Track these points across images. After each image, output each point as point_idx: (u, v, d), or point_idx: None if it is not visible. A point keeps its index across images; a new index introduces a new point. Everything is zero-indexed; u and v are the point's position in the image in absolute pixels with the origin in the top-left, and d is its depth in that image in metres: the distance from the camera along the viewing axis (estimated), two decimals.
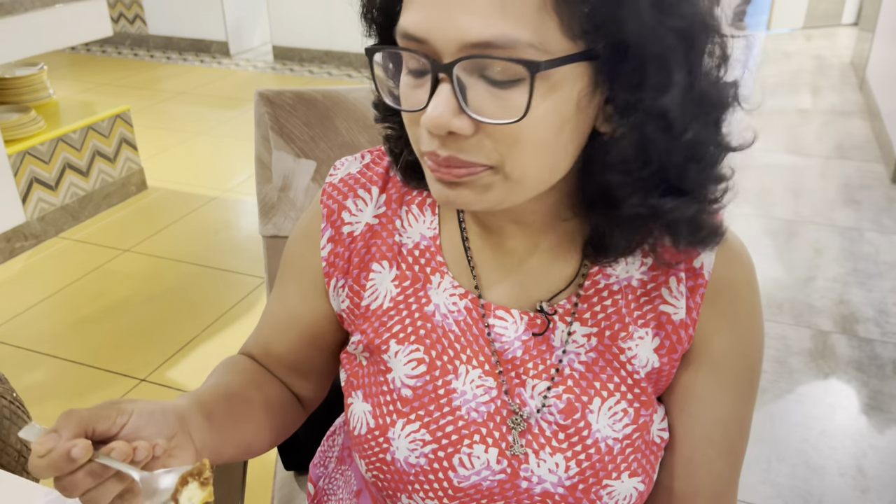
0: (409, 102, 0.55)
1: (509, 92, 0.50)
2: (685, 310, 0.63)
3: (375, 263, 0.68)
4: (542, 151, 0.53)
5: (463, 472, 0.64)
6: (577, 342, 0.64)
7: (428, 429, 0.65)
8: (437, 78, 0.51)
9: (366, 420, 0.67)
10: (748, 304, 0.65)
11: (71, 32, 2.81)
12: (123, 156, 3.10)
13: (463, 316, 0.66)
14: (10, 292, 2.47)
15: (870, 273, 2.51)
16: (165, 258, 2.68)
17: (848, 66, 4.91)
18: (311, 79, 4.84)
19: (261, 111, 1.08)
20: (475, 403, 0.65)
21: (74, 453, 0.51)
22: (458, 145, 0.52)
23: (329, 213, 0.70)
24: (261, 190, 1.09)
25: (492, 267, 0.66)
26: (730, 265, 0.64)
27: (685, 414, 0.67)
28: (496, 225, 0.65)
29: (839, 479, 1.70)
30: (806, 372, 2.05)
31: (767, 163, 3.42)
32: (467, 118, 0.51)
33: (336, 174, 0.71)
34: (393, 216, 0.69)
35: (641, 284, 0.64)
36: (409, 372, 0.66)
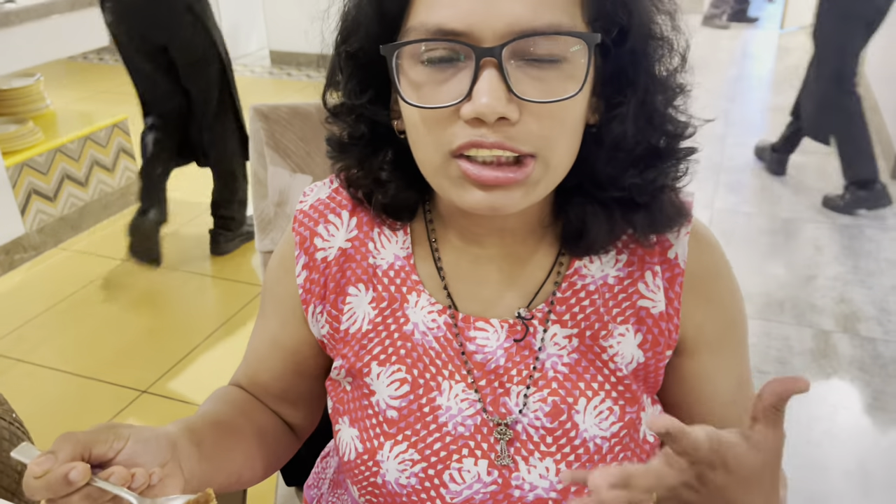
0: (438, 99, 0.54)
1: (548, 72, 0.53)
2: (664, 302, 0.65)
3: (351, 287, 0.69)
4: (573, 134, 0.57)
5: (454, 487, 0.65)
6: (558, 344, 0.65)
7: (416, 448, 0.65)
8: (478, 65, 0.51)
9: (354, 445, 0.67)
10: (727, 282, 0.68)
11: (68, 42, 2.82)
12: (122, 165, 3.10)
13: (442, 332, 0.66)
14: (10, 304, 2.46)
15: (871, 271, 2.51)
16: (164, 267, 2.68)
17: None
18: (309, 83, 4.84)
19: (256, 127, 1.07)
20: (461, 418, 0.65)
21: (73, 476, 0.51)
22: (503, 133, 0.53)
23: (302, 241, 0.70)
24: (257, 206, 1.09)
25: (468, 280, 0.67)
26: (702, 251, 0.66)
27: (701, 396, 0.70)
28: (480, 235, 0.66)
29: (843, 479, 1.69)
30: (808, 372, 2.04)
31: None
32: (516, 102, 0.52)
33: (306, 200, 0.71)
34: (365, 239, 0.69)
35: (618, 281, 0.65)
36: (392, 393, 0.66)
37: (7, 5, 2.57)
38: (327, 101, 0.66)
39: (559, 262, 0.66)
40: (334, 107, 0.65)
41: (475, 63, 0.51)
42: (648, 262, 0.65)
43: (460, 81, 0.53)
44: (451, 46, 0.53)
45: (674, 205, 0.63)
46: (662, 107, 0.59)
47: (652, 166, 0.59)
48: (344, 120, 0.64)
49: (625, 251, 0.65)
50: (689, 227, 0.66)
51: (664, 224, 0.63)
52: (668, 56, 0.59)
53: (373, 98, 0.62)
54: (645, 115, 0.58)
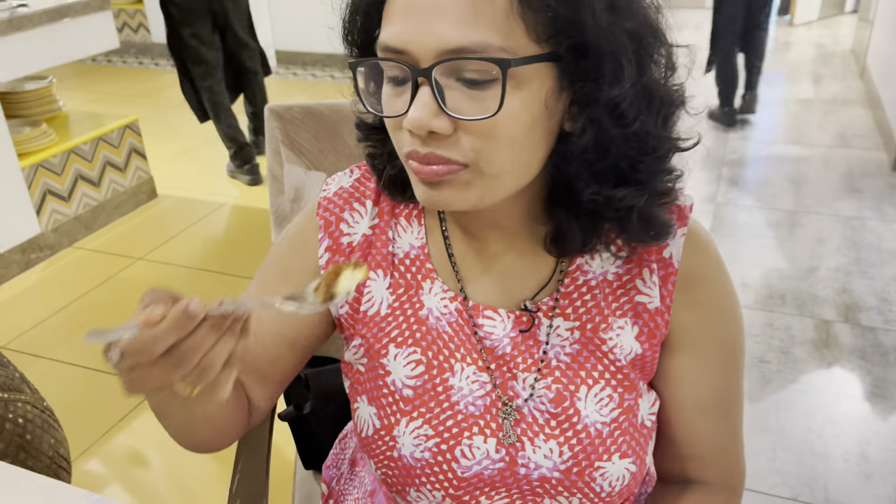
0: (392, 109, 0.59)
1: (483, 92, 0.55)
2: (659, 298, 0.68)
3: (371, 272, 0.73)
4: (515, 147, 0.58)
5: (465, 462, 0.69)
6: (561, 336, 0.69)
7: (430, 424, 0.69)
8: (416, 83, 0.56)
9: (371, 422, 0.72)
10: (718, 289, 0.70)
11: (79, 45, 2.87)
12: (133, 165, 3.16)
13: (454, 317, 0.70)
14: (28, 303, 2.52)
15: (872, 262, 2.54)
16: (178, 265, 2.73)
17: (849, 54, 4.92)
18: (315, 83, 4.88)
19: (271, 126, 1.12)
20: (472, 398, 0.69)
21: (192, 308, 0.49)
22: (437, 143, 0.57)
23: (326, 225, 0.74)
24: (273, 202, 1.14)
25: (476, 271, 0.71)
26: (697, 254, 0.69)
27: (677, 395, 0.72)
28: (478, 230, 0.70)
29: (844, 466, 1.73)
30: (810, 361, 2.08)
31: (769, 154, 3.45)
32: (446, 118, 0.56)
33: (329, 188, 0.76)
34: (386, 227, 0.73)
35: (617, 277, 0.69)
36: (408, 373, 0.71)
37: (20, 9, 2.62)
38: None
39: (561, 259, 0.70)
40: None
41: (413, 81, 0.56)
42: (646, 259, 0.68)
43: (406, 96, 0.57)
44: (396, 66, 0.58)
45: (659, 220, 0.62)
46: (621, 125, 0.57)
47: (621, 185, 0.59)
48: None
49: (625, 248, 0.67)
50: (686, 229, 0.68)
51: (640, 239, 0.63)
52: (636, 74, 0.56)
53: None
54: (603, 132, 0.57)
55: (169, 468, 1.81)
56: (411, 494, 0.72)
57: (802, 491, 1.67)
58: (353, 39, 0.64)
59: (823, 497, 1.65)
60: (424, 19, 0.54)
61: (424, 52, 0.55)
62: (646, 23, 0.57)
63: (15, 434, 1.01)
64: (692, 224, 0.69)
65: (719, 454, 0.76)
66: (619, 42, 0.55)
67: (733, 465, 0.77)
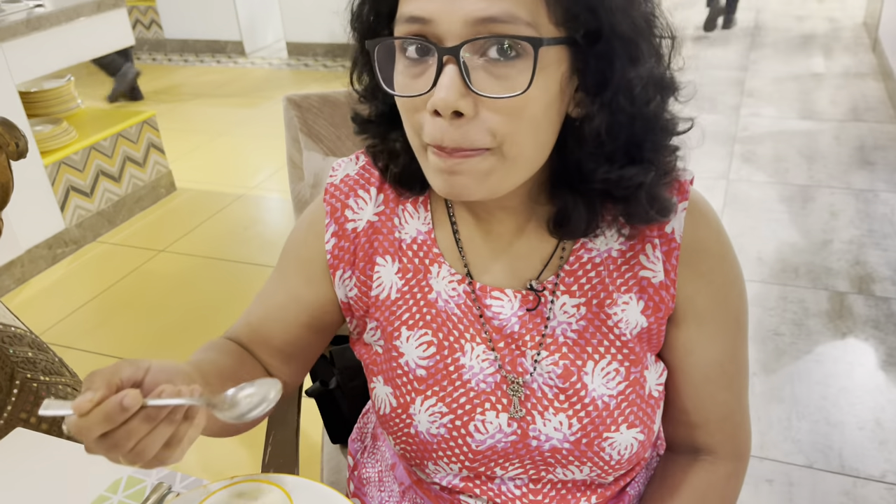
0: (411, 90, 0.59)
1: (508, 70, 0.56)
2: (663, 272, 0.70)
3: (379, 257, 0.75)
4: (536, 129, 0.59)
5: (479, 436, 0.72)
6: (567, 313, 0.71)
7: (444, 402, 0.72)
8: (441, 62, 0.56)
9: (388, 401, 0.75)
10: (720, 259, 0.72)
11: (95, 43, 2.92)
12: (152, 160, 3.22)
13: (462, 300, 0.73)
14: (57, 296, 2.59)
15: (885, 233, 2.55)
16: (199, 256, 2.79)
17: (861, 27, 4.88)
18: (327, 73, 4.92)
19: (290, 115, 1.16)
20: (482, 375, 0.72)
21: (127, 402, 0.51)
22: (461, 130, 0.57)
23: (333, 211, 0.76)
24: (294, 188, 1.18)
25: (483, 253, 0.73)
26: (698, 227, 0.70)
27: (685, 365, 0.74)
28: (486, 211, 0.71)
29: (858, 433, 1.76)
30: (824, 333, 2.11)
31: (781, 129, 3.45)
32: (472, 98, 0.56)
33: (336, 174, 0.77)
34: (391, 214, 0.75)
35: (621, 254, 0.71)
36: (420, 354, 0.73)
37: (37, 10, 2.68)
38: (355, 85, 0.72)
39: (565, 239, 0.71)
40: (364, 89, 0.72)
41: (438, 60, 0.56)
42: (648, 235, 0.70)
43: (428, 76, 0.58)
44: (421, 43, 0.57)
45: (660, 200, 0.65)
46: (631, 110, 0.60)
47: (629, 164, 0.62)
48: (370, 101, 0.71)
49: (627, 226, 0.68)
50: (687, 203, 0.69)
51: (643, 218, 0.65)
52: (649, 59, 0.60)
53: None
54: (613, 115, 0.59)
55: (200, 444, 1.87)
56: (429, 467, 0.76)
57: (818, 458, 1.70)
58: (364, 21, 0.64)
59: (839, 464, 1.68)
60: None
61: (452, 23, 0.55)
62: (651, 9, 0.60)
63: None
64: (692, 196, 0.70)
65: (725, 421, 0.77)
66: (634, 26, 0.58)
67: (739, 432, 0.79)
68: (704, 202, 0.72)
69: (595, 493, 0.77)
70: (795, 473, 1.67)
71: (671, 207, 0.66)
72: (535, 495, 0.75)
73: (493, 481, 0.76)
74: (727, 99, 3.86)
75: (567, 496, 0.76)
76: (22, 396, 1.01)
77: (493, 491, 0.76)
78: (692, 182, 0.72)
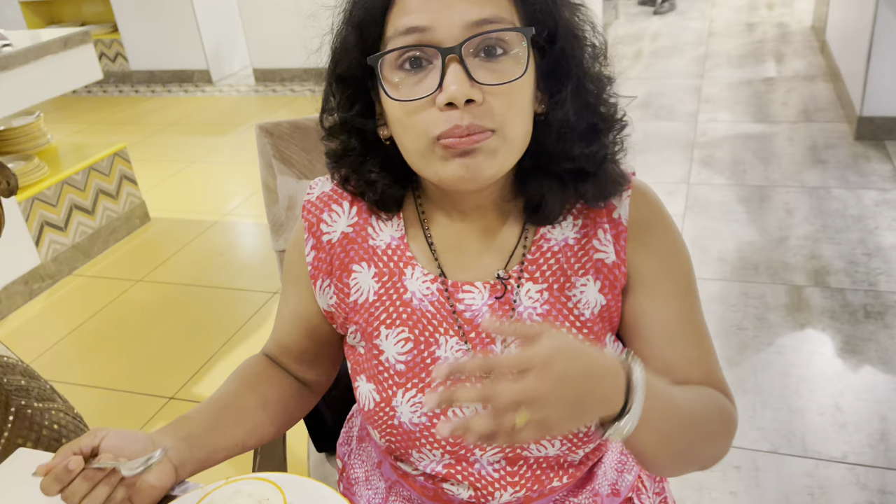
0: (416, 94, 0.68)
1: (501, 65, 0.67)
2: (614, 253, 0.79)
3: (355, 265, 0.83)
4: (525, 114, 0.70)
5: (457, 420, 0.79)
6: (532, 298, 0.79)
7: (423, 392, 0.78)
8: (444, 62, 0.66)
9: (371, 397, 0.81)
10: (663, 231, 0.80)
11: (64, 79, 2.95)
12: (125, 191, 3.25)
13: (436, 297, 0.80)
14: (36, 330, 2.61)
15: (838, 228, 2.67)
16: (177, 284, 2.83)
17: (809, 31, 5.07)
18: (295, 97, 4.98)
19: (262, 142, 1.23)
20: None
21: (70, 465, 0.69)
22: (473, 112, 0.66)
23: (310, 226, 0.84)
24: (269, 211, 1.24)
25: (454, 251, 0.81)
26: (640, 207, 0.80)
27: (642, 332, 0.80)
28: (460, 211, 0.79)
29: (819, 418, 1.85)
30: (784, 325, 2.21)
31: (738, 133, 3.58)
32: (478, 88, 0.66)
33: (313, 192, 0.86)
34: (365, 224, 0.83)
35: (576, 241, 0.79)
36: (399, 350, 0.80)
37: (5, 49, 2.72)
38: (324, 124, 0.81)
39: (526, 230, 0.80)
40: (330, 127, 0.80)
41: (442, 61, 0.66)
42: (599, 221, 0.79)
43: (432, 79, 0.67)
44: (421, 50, 0.67)
45: (615, 173, 0.77)
46: (594, 93, 0.73)
47: (595, 140, 0.74)
48: (338, 137, 0.79)
49: (580, 217, 0.79)
50: (630, 190, 0.79)
51: (610, 190, 0.77)
52: (592, 53, 0.73)
53: (360, 111, 0.77)
54: (580, 99, 0.72)
55: None
56: (414, 456, 0.82)
57: (781, 444, 1.79)
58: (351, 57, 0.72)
59: (801, 448, 1.77)
60: (446, 3, 0.66)
61: (449, 28, 0.65)
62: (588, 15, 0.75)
63: (52, 439, 1.11)
64: (635, 183, 0.80)
65: (706, 376, 0.80)
66: (582, 25, 0.72)
67: (723, 387, 0.81)
68: (645, 186, 0.82)
69: (567, 473, 0.84)
70: (761, 459, 1.76)
71: (624, 182, 0.78)
72: (512, 476, 0.82)
73: (474, 466, 0.82)
74: (685, 106, 3.99)
75: (541, 476, 0.82)
76: (17, 423, 1.05)
77: (473, 476, 0.82)
78: (634, 174, 0.82)
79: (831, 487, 1.66)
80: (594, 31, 0.74)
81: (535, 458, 0.81)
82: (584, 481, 0.88)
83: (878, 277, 2.36)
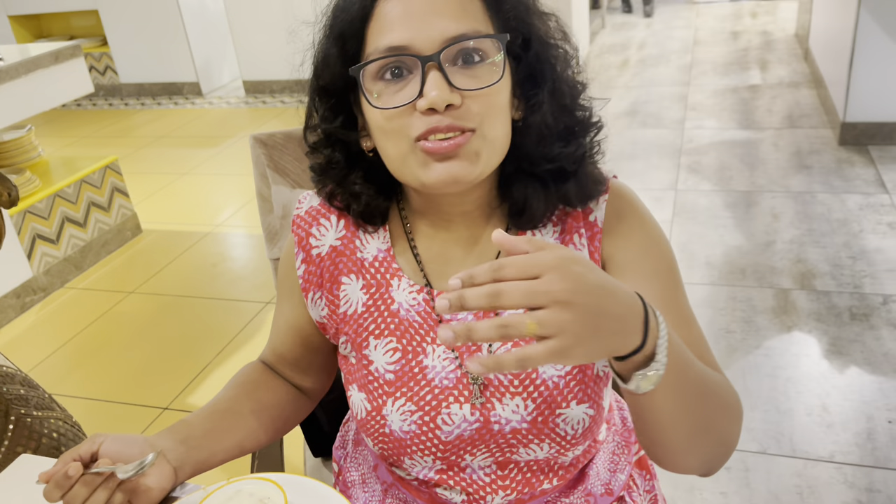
0: (397, 101, 0.70)
1: (478, 70, 0.70)
2: (588, 254, 0.80)
3: (344, 277, 0.85)
4: (504, 115, 0.73)
5: (446, 428, 0.80)
6: None
7: (412, 401, 0.80)
8: (424, 70, 0.68)
9: (363, 406, 0.83)
10: (637, 220, 0.81)
11: (56, 93, 2.97)
12: (116, 204, 3.26)
13: (422, 307, 0.81)
14: (28, 343, 2.62)
15: (823, 231, 2.71)
16: (170, 295, 2.84)
17: (793, 39, 5.14)
18: (285, 108, 5.01)
19: (257, 152, 1.25)
20: (444, 373, 0.80)
21: (70, 472, 0.72)
22: (454, 114, 0.69)
23: (300, 240, 0.86)
24: (264, 220, 1.26)
25: (439, 261, 0.83)
26: (614, 204, 0.80)
27: None
28: (445, 221, 0.81)
29: (807, 418, 1.88)
30: (771, 328, 2.24)
31: (724, 140, 3.63)
32: (457, 92, 0.68)
33: (301, 207, 0.88)
34: (353, 237, 0.85)
35: None
36: (388, 360, 0.82)
37: None
38: (308, 139, 0.83)
39: None
40: (313, 143, 0.82)
41: (421, 69, 0.68)
42: (575, 226, 0.80)
43: (412, 86, 0.69)
44: (401, 60, 0.69)
45: (595, 174, 0.79)
46: (569, 96, 0.76)
47: (573, 140, 0.76)
48: (322, 151, 0.82)
49: (559, 223, 0.81)
50: (608, 195, 0.80)
51: (591, 191, 0.78)
52: (565, 59, 0.76)
53: (343, 122, 0.79)
54: (556, 102, 0.75)
55: None
56: (406, 463, 0.84)
57: (770, 444, 1.82)
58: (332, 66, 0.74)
59: (790, 448, 1.80)
60: (424, 19, 0.68)
61: (429, 44, 0.68)
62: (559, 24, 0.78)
63: (51, 447, 1.12)
64: (612, 186, 0.81)
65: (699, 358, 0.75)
66: (553, 33, 0.76)
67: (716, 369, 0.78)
68: (622, 186, 0.83)
69: (557, 475, 0.86)
70: (751, 459, 1.78)
71: (604, 182, 0.80)
72: (503, 480, 0.84)
73: (465, 471, 0.84)
74: (672, 114, 4.04)
75: (532, 479, 0.84)
76: (17, 431, 1.07)
77: (465, 481, 0.84)
78: (615, 177, 0.84)
79: (820, 486, 1.69)
80: (566, 39, 0.77)
81: (526, 462, 0.83)
82: (575, 482, 0.90)
83: (863, 280, 2.40)
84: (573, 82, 0.77)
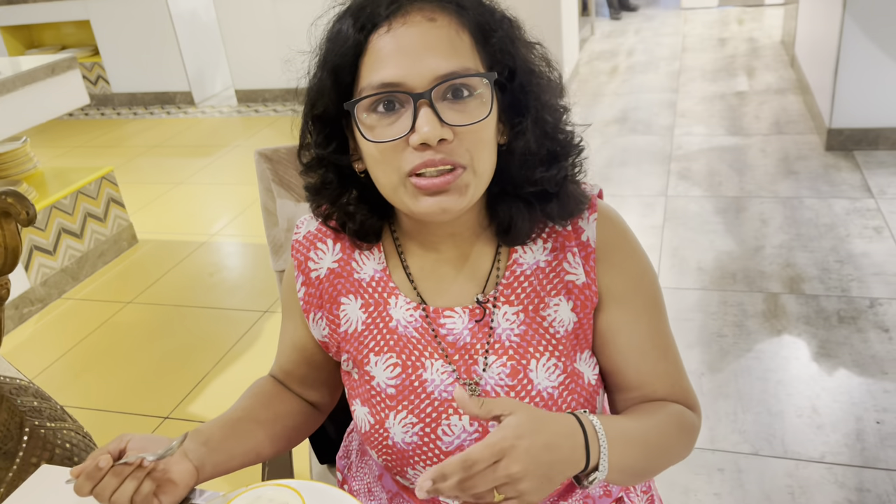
0: (389, 135, 0.73)
1: (467, 104, 0.72)
2: (584, 274, 0.84)
3: (343, 297, 0.89)
4: (490, 148, 0.76)
5: (447, 439, 0.83)
6: (509, 320, 0.84)
7: (413, 413, 0.83)
8: (416, 106, 0.71)
9: (367, 419, 0.87)
10: (628, 251, 0.86)
11: (52, 105, 2.99)
12: (112, 214, 3.28)
13: (419, 323, 0.85)
14: (27, 354, 2.63)
15: (811, 236, 2.77)
16: (167, 305, 2.86)
17: (779, 45, 5.22)
18: (277, 118, 5.04)
19: (262, 167, 1.28)
20: (443, 386, 0.83)
21: (101, 463, 0.76)
22: (447, 149, 0.72)
23: (299, 264, 0.90)
24: (269, 233, 1.30)
25: (432, 280, 0.86)
26: (606, 229, 0.85)
27: (616, 345, 0.86)
28: (434, 242, 0.85)
29: (797, 420, 1.93)
30: (761, 332, 2.29)
31: (713, 146, 3.69)
32: (448, 128, 0.71)
33: (300, 231, 0.92)
34: (349, 259, 0.89)
35: (547, 264, 0.85)
36: (388, 375, 0.85)
37: None
38: (302, 159, 0.86)
39: (499, 256, 0.86)
40: (308, 163, 0.85)
41: (413, 105, 0.71)
42: (568, 245, 0.84)
43: (404, 121, 0.72)
44: (393, 95, 0.72)
45: (577, 193, 0.83)
46: (551, 123, 0.79)
47: (555, 164, 0.80)
48: (316, 171, 0.85)
49: (549, 240, 0.84)
50: (596, 214, 0.84)
51: (573, 209, 0.82)
52: (549, 86, 0.80)
53: (336, 148, 0.82)
54: (539, 129, 0.78)
55: None
56: (409, 473, 0.87)
57: (762, 446, 1.86)
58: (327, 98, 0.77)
59: (782, 449, 1.84)
60: (416, 56, 0.71)
61: (420, 81, 0.71)
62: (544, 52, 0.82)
63: (64, 457, 1.15)
64: (600, 207, 0.85)
65: (674, 387, 0.87)
66: (537, 61, 0.79)
67: (689, 396, 0.88)
68: (610, 209, 0.88)
69: None
70: (743, 461, 1.82)
71: (586, 201, 0.84)
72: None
73: None
74: (661, 120, 4.09)
75: None
76: (31, 443, 1.09)
77: None
78: (601, 195, 0.88)
79: (811, 486, 1.73)
80: (549, 66, 0.81)
81: None
82: (573, 485, 0.93)
83: (851, 283, 2.46)
84: (556, 109, 0.81)
